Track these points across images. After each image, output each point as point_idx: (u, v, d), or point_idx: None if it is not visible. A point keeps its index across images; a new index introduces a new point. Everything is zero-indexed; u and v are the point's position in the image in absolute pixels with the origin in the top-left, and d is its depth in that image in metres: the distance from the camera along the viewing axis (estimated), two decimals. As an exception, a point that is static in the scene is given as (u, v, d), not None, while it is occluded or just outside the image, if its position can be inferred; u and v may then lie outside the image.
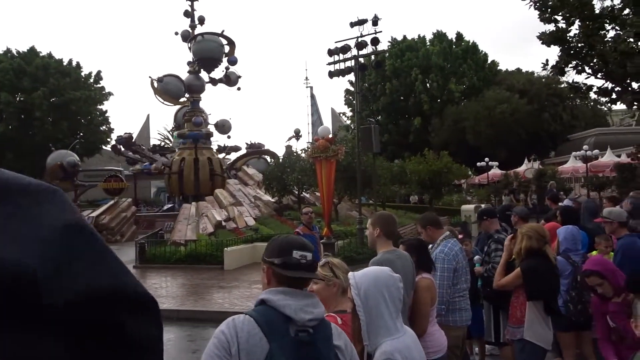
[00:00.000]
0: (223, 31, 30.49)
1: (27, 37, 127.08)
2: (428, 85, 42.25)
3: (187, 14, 30.94)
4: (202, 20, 30.92)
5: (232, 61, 30.44)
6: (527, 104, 37.92)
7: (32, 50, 40.69)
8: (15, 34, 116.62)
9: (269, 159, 31.24)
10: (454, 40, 44.44)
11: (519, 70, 46.44)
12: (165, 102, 30.25)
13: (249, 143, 33.06)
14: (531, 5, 17.03)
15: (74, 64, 42.00)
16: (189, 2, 30.95)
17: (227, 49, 30.61)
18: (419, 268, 3.78)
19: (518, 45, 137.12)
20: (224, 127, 32.35)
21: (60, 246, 0.45)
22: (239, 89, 31.00)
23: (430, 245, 4.37)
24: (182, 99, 30.40)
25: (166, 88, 29.24)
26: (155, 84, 29.22)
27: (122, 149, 28.42)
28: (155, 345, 0.52)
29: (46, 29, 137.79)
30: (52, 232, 0.45)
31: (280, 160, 26.33)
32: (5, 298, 0.40)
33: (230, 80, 30.44)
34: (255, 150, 32.48)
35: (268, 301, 1.86)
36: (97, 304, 0.46)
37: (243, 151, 33.12)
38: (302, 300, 1.87)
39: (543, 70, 18.87)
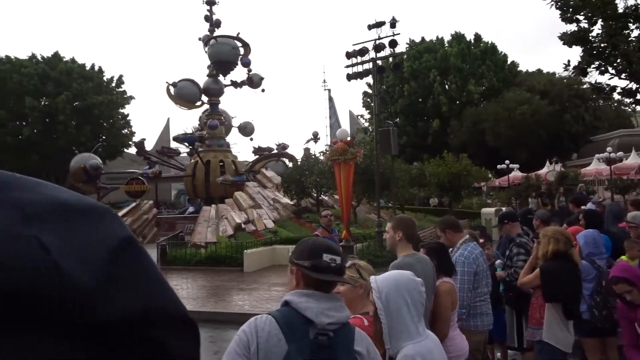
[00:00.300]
0: (238, 34, 30.75)
1: (51, 43, 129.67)
2: (447, 86, 41.96)
3: (207, 18, 31.29)
4: (218, 24, 31.21)
5: (246, 63, 30.67)
6: (548, 105, 37.38)
7: (56, 55, 41.56)
8: (40, 40, 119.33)
9: (287, 161, 31.36)
10: (473, 41, 44.07)
11: (539, 71, 45.82)
12: (181, 107, 30.63)
13: (278, 144, 33.11)
14: (552, 4, 16.81)
15: (96, 68, 42.79)
16: (208, 7, 31.30)
17: (242, 51, 30.86)
18: (440, 272, 3.77)
19: (538, 45, 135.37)
20: (245, 129, 32.59)
21: (111, 262, 0.47)
22: (263, 90, 31.15)
23: (450, 249, 4.36)
24: (197, 103, 30.71)
25: (181, 93, 29.61)
26: (171, 89, 29.62)
27: (145, 151, 28.88)
28: None
29: (70, 35, 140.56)
30: (105, 249, 0.48)
31: (299, 162, 26.43)
32: (53, 305, 0.42)
33: (253, 82, 30.64)
34: (274, 153, 32.64)
35: (291, 303, 1.89)
36: (143, 321, 0.48)
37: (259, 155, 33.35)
38: (324, 303, 1.88)
39: (565, 71, 18.60)
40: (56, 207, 0.47)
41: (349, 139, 15.05)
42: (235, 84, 31.08)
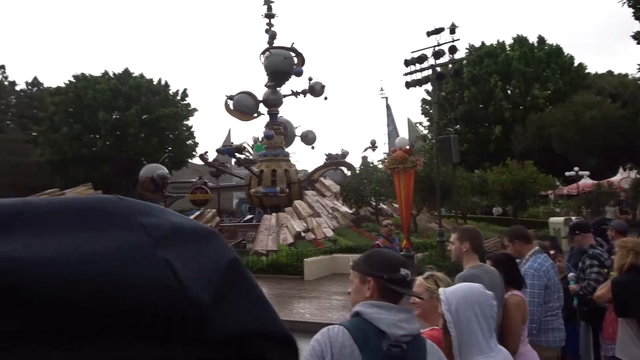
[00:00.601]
0: (292, 44, 31.25)
1: (122, 60, 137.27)
2: (509, 91, 40.64)
3: (267, 31, 32.06)
4: (273, 36, 31.87)
5: (298, 72, 31.10)
6: (621, 108, 35.33)
7: (126, 71, 43.93)
8: (112, 57, 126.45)
9: (345, 170, 31.43)
10: (536, 44, 42.48)
11: (610, 72, 43.45)
12: (238, 119, 31.47)
13: (328, 154, 33.39)
14: (624, 2, 15.99)
15: (162, 83, 44.83)
16: (267, 20, 32.07)
17: (296, 61, 31.34)
18: (508, 284, 3.67)
19: (608, 46, 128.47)
20: (307, 138, 32.98)
21: (223, 282, 0.50)
22: (325, 98, 31.40)
23: (517, 260, 4.23)
24: (254, 115, 31.42)
25: (238, 105, 30.43)
26: (229, 103, 30.52)
27: (210, 160, 29.87)
28: None
29: (139, 52, 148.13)
30: (217, 269, 0.51)
31: (357, 171, 26.42)
32: (178, 323, 0.45)
33: (315, 90, 30.98)
34: (332, 162, 32.82)
35: (363, 314, 1.91)
36: (251, 341, 0.50)
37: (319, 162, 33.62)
38: (397, 314, 1.90)
39: (639, 72, 17.58)
40: (177, 231, 0.51)
41: (408, 147, 14.92)
42: (295, 93, 31.57)
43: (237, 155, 29.32)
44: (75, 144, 39.84)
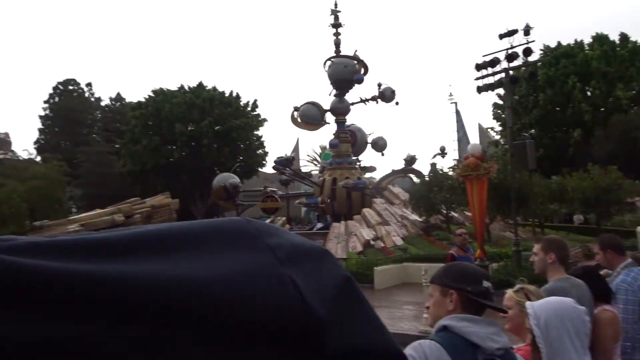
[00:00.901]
0: (355, 51, 31.32)
1: (196, 74, 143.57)
2: (588, 93, 38.38)
3: (337, 44, 32.41)
4: (338, 44, 32.11)
5: (358, 79, 31.09)
6: None
7: (200, 85, 45.92)
8: (187, 72, 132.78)
9: (414, 177, 30.98)
10: (618, 42, 39.87)
11: None
12: (304, 129, 31.92)
13: (407, 158, 32.74)
14: None
15: (234, 94, 46.43)
16: (334, 30, 32.41)
17: (359, 68, 31.36)
18: (598, 299, 3.48)
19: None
20: (377, 144, 32.85)
21: (339, 299, 0.53)
22: (397, 103, 31.19)
23: (606, 271, 4.00)
24: (320, 124, 31.72)
25: (303, 116, 30.85)
26: (295, 114, 31.03)
27: (283, 168, 30.59)
28: None
29: (211, 66, 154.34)
30: (333, 286, 0.54)
31: (426, 178, 25.98)
32: (299, 338, 0.48)
33: (385, 96, 30.89)
34: (400, 169, 32.45)
35: (452, 328, 1.88)
36: (364, 356, 0.52)
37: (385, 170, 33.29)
38: (487, 328, 1.87)
39: None
40: (297, 250, 0.55)
41: (480, 153, 14.51)
42: (363, 100, 31.61)
43: (289, 166, 29.96)
44: (154, 155, 42.06)
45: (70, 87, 53.14)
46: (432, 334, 1.99)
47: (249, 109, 46.87)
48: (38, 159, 45.33)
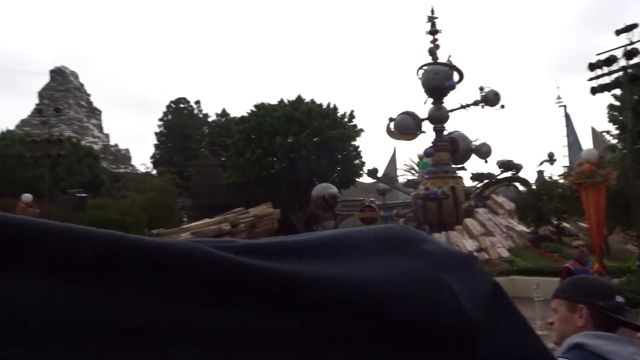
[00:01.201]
0: (449, 57, 30.48)
1: (295, 87, 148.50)
2: None
3: (432, 50, 31.89)
4: (432, 52, 31.44)
5: (450, 86, 30.13)
6: None
7: (299, 98, 47.36)
8: (287, 86, 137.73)
9: (519, 186, 29.39)
10: None
11: None
12: (400, 140, 31.57)
13: (502, 162, 31.04)
14: None
15: (331, 106, 47.31)
16: (431, 37, 31.89)
17: (453, 74, 30.45)
18: None
19: None
20: (480, 151, 31.67)
21: (490, 305, 0.55)
22: (502, 106, 29.90)
23: None
24: (416, 134, 31.17)
25: (398, 127, 30.51)
26: (391, 126, 30.79)
27: (379, 178, 30.70)
28: None
29: (310, 78, 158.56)
30: (484, 292, 0.57)
31: (534, 187, 24.55)
32: (453, 339, 0.51)
33: (488, 100, 29.78)
34: (505, 177, 30.92)
35: (587, 346, 1.75)
36: None
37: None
38: (627, 347, 1.74)
39: None
40: (449, 256, 0.59)
41: (596, 159, 13.46)
42: (464, 106, 30.69)
43: (374, 177, 29.95)
44: (256, 167, 43.97)
45: (182, 105, 57.45)
46: (559, 352, 1.88)
47: (345, 119, 47.45)
48: (154, 172, 49.44)
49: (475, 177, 31.34)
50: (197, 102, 58.48)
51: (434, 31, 31.74)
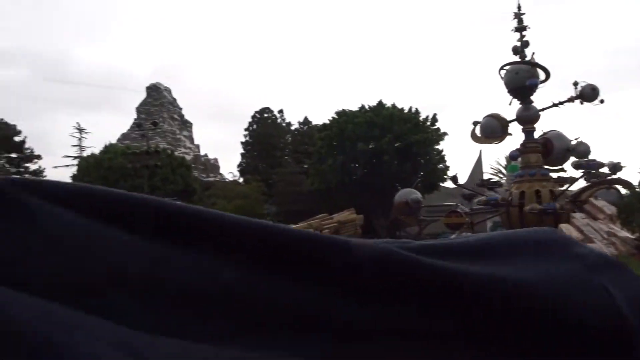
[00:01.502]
0: (533, 54, 28.86)
1: (376, 93, 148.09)
2: None
3: (519, 48, 30.49)
4: (517, 50, 29.94)
5: (531, 85, 28.36)
6: None
7: (380, 103, 47.24)
8: (367, 93, 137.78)
9: (621, 189, 27.19)
10: None
11: None
12: (485, 144, 30.35)
13: (578, 162, 28.81)
14: None
15: (413, 110, 46.71)
16: (518, 34, 30.48)
17: (537, 73, 28.80)
18: None
19: None
20: (576, 151, 29.73)
21: None
22: (602, 101, 27.96)
23: None
24: (502, 137, 29.83)
25: (483, 131, 29.36)
26: (476, 130, 29.70)
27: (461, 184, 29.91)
28: None
29: (391, 83, 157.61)
30: (638, 295, 0.57)
31: (638, 189, 22.60)
32: (611, 342, 0.51)
33: (584, 95, 27.91)
34: (604, 180, 28.72)
35: None
36: None
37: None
38: None
39: None
40: (599, 259, 0.59)
41: None
42: (556, 104, 28.99)
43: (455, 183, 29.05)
44: (338, 174, 44.38)
45: (266, 115, 59.43)
46: None
47: (428, 123, 46.63)
48: (241, 180, 51.45)
49: (559, 180, 29.59)
50: (280, 111, 60.20)
51: (521, 28, 30.33)
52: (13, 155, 55.81)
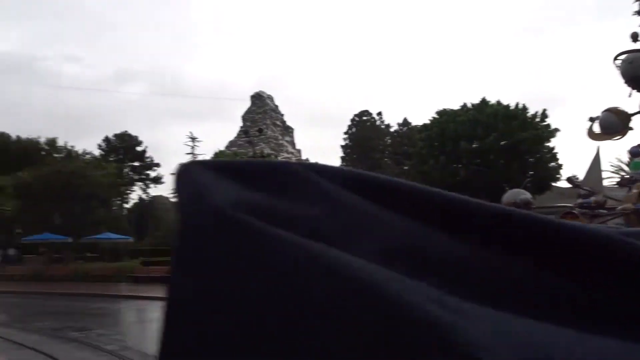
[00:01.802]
0: None
1: (479, 91, 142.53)
2: None
3: (635, 37, 27.77)
4: (635, 37, 27.05)
5: None
6: None
7: (483, 101, 45.42)
8: (470, 92, 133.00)
9: None
10: None
11: None
12: (603, 141, 27.85)
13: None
14: None
15: (519, 106, 44.32)
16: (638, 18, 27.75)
17: None
18: None
19: None
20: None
21: None
22: None
23: None
24: (620, 132, 27.16)
25: (601, 127, 26.92)
26: (594, 127, 27.35)
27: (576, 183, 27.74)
28: None
29: (495, 80, 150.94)
30: None
31: None
32: None
33: None
34: None
35: None
36: None
37: None
38: None
39: None
40: None
41: None
42: None
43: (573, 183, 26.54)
44: (440, 174, 43.35)
45: (364, 118, 59.73)
46: None
47: (537, 120, 43.98)
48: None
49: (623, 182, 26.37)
50: (379, 114, 60.14)
51: (642, 10, 27.65)
52: (136, 163, 61.37)
